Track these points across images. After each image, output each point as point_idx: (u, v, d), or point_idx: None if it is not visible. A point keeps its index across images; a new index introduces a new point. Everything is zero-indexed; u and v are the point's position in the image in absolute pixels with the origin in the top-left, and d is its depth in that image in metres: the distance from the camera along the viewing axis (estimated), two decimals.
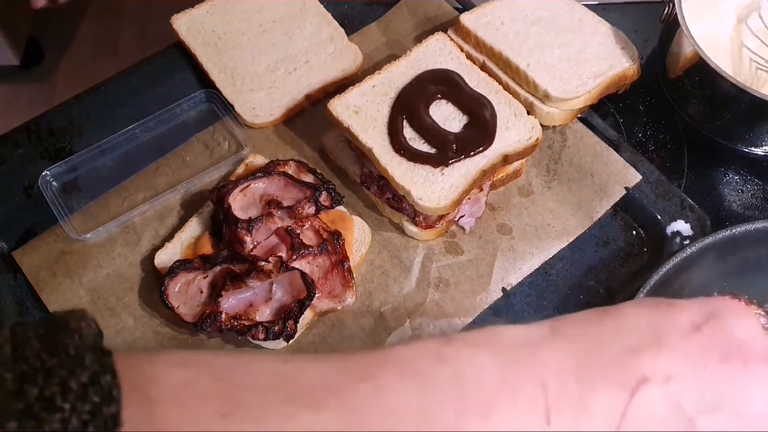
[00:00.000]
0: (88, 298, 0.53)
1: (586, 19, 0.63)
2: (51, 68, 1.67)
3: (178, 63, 0.65)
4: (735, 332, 0.30)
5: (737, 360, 0.29)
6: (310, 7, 0.66)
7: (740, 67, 0.59)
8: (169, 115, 0.62)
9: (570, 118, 0.60)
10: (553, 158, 0.59)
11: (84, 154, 0.59)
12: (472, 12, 0.63)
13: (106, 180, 0.59)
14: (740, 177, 0.61)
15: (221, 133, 0.61)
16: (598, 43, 0.61)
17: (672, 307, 0.31)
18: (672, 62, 0.61)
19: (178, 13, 0.66)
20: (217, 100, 0.62)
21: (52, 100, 1.55)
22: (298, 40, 0.65)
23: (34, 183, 0.58)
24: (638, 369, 0.28)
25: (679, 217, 0.55)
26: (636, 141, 0.62)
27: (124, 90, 0.64)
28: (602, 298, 0.53)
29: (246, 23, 0.65)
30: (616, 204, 0.56)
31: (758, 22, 0.59)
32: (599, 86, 0.59)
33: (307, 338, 0.51)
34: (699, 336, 0.29)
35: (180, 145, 0.60)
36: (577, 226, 0.56)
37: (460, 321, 0.51)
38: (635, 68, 0.61)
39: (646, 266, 0.54)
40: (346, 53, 0.64)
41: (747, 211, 0.59)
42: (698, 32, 0.55)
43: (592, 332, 0.29)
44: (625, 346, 0.29)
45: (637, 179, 0.57)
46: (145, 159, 0.60)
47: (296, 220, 0.51)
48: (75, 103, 0.63)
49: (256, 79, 0.62)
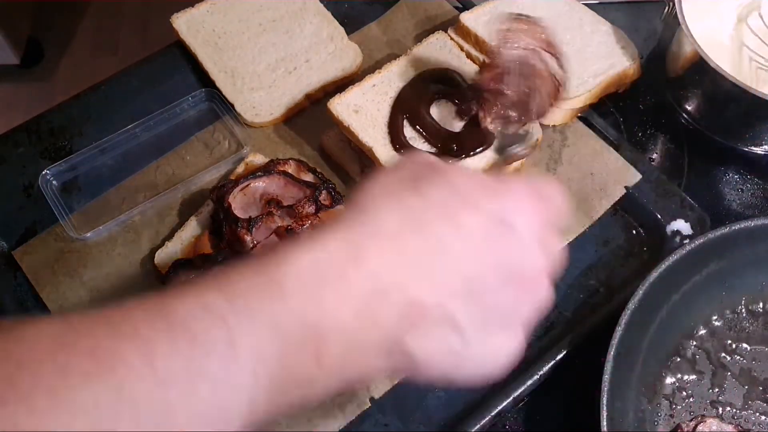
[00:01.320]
0: (88, 297, 0.53)
1: (587, 18, 0.63)
2: (51, 67, 1.67)
3: (179, 62, 0.65)
4: (519, 245, 0.31)
5: (518, 281, 0.31)
6: (310, 7, 0.66)
7: (740, 66, 0.59)
8: (169, 114, 0.62)
9: (570, 117, 0.60)
10: (553, 157, 0.59)
11: (84, 154, 0.59)
12: (473, 11, 0.63)
13: (107, 179, 0.59)
14: (740, 176, 0.61)
15: (221, 132, 0.61)
16: (598, 42, 0.61)
17: (466, 209, 0.31)
18: (672, 61, 0.61)
19: (178, 12, 0.66)
20: (217, 100, 0.62)
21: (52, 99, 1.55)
22: (298, 39, 0.64)
23: (34, 182, 0.58)
24: (415, 297, 0.29)
25: (679, 216, 0.55)
26: (636, 140, 0.62)
27: (124, 89, 0.64)
28: (602, 297, 0.53)
29: (246, 22, 0.65)
30: (616, 203, 0.56)
31: (758, 22, 0.59)
32: (599, 85, 0.59)
33: None
34: (484, 249, 0.30)
35: (180, 145, 0.60)
36: (577, 225, 0.56)
37: None
38: (635, 67, 0.61)
39: (645, 265, 0.54)
40: (346, 52, 0.64)
41: (747, 210, 0.59)
42: (698, 31, 0.55)
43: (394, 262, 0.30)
44: (410, 272, 0.29)
45: (637, 178, 0.57)
46: (145, 158, 0.60)
47: (296, 219, 0.51)
48: (75, 103, 0.63)
49: (256, 78, 0.62)
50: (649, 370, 0.49)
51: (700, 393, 0.49)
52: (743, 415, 0.49)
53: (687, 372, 0.50)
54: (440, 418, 0.48)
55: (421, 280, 0.29)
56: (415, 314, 0.29)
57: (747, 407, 0.49)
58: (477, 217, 0.30)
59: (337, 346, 0.28)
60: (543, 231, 0.32)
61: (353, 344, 0.28)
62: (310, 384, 0.28)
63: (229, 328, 0.26)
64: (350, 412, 0.48)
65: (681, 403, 0.49)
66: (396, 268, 0.29)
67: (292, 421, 0.47)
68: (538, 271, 0.32)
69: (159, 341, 0.25)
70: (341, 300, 0.28)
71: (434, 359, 0.30)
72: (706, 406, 0.49)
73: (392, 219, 0.30)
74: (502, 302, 0.31)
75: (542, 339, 0.51)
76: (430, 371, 0.31)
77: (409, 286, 0.29)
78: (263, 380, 0.27)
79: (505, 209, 0.31)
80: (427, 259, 0.29)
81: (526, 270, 0.31)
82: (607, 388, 0.44)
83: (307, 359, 0.28)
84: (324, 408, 0.48)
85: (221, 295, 0.27)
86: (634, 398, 0.48)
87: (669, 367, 0.50)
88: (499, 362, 0.33)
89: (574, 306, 0.53)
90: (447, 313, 0.29)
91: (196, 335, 0.26)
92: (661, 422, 0.48)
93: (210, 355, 0.26)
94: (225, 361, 0.26)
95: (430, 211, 0.30)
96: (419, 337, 0.29)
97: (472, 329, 0.30)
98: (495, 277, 0.30)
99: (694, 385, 0.50)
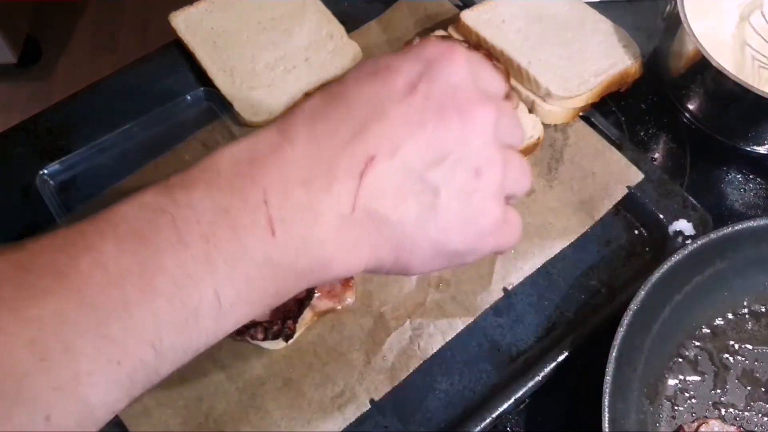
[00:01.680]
0: None
1: (588, 16, 0.63)
2: (49, 66, 1.67)
3: (177, 61, 0.65)
4: (448, 81, 0.30)
5: (452, 110, 0.30)
6: (309, 5, 0.66)
7: (742, 65, 0.58)
8: (167, 113, 0.61)
9: (571, 117, 0.59)
10: (554, 157, 0.58)
11: (82, 153, 0.59)
12: (473, 9, 0.62)
13: (105, 178, 0.59)
14: (742, 176, 0.60)
15: (220, 131, 0.61)
16: (599, 41, 0.61)
17: (389, 71, 0.30)
18: (674, 60, 0.61)
19: (177, 11, 0.65)
20: (216, 99, 0.61)
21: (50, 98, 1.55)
22: (297, 37, 0.64)
23: (32, 182, 0.58)
24: (364, 151, 0.28)
25: (681, 216, 0.55)
26: (638, 139, 0.62)
27: (122, 88, 0.63)
28: (604, 298, 0.53)
29: (245, 21, 0.65)
30: (617, 203, 0.56)
31: (761, 20, 0.59)
32: (601, 84, 0.59)
33: (307, 338, 0.50)
34: (415, 96, 0.29)
35: (178, 144, 0.60)
36: (578, 225, 0.55)
37: (461, 321, 0.51)
38: (637, 66, 0.61)
39: (647, 265, 0.54)
40: (346, 51, 0.63)
41: (749, 210, 0.59)
42: (700, 30, 0.55)
43: (320, 129, 0.29)
44: (352, 131, 0.29)
45: (639, 178, 0.56)
46: (144, 157, 0.59)
47: None
48: (73, 102, 0.63)
49: (255, 77, 0.62)
50: (651, 371, 0.49)
51: (702, 394, 0.49)
52: (745, 416, 0.48)
53: (689, 373, 0.50)
54: (440, 419, 0.48)
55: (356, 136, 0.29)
56: (369, 168, 0.28)
57: (749, 408, 0.49)
58: (402, 77, 0.30)
59: (286, 212, 0.27)
60: (475, 67, 0.32)
61: (305, 213, 0.27)
62: (273, 264, 0.27)
63: (173, 219, 0.26)
64: (350, 413, 0.47)
65: (683, 404, 0.49)
66: (327, 131, 0.29)
67: (291, 422, 0.47)
68: (469, 94, 0.30)
69: (107, 245, 0.25)
70: (282, 169, 0.28)
71: (409, 221, 0.29)
72: (709, 407, 0.49)
73: (316, 99, 0.30)
74: (446, 135, 0.30)
75: (543, 340, 0.51)
76: (414, 245, 0.30)
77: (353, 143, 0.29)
78: (222, 267, 0.26)
79: (426, 59, 0.31)
80: (357, 119, 0.29)
81: (457, 96, 0.30)
82: (608, 389, 0.43)
83: (262, 234, 0.27)
84: (323, 409, 0.47)
85: (159, 189, 0.27)
86: (636, 399, 0.47)
87: (671, 368, 0.50)
88: (483, 226, 0.31)
89: (576, 306, 0.53)
90: (399, 159, 0.29)
91: (143, 233, 0.26)
92: (663, 423, 0.48)
93: (160, 249, 0.25)
94: (175, 251, 0.25)
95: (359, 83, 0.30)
96: (383, 198, 0.29)
97: (433, 175, 0.29)
98: (429, 110, 0.29)
99: (696, 386, 0.49)
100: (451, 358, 0.50)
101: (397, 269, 0.31)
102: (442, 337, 0.50)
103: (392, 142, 0.29)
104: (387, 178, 0.29)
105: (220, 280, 0.26)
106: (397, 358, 0.49)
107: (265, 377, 0.49)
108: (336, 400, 0.48)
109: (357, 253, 0.29)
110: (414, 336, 0.50)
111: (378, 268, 0.31)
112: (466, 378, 0.50)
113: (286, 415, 0.47)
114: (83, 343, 0.24)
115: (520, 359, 0.50)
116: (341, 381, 0.48)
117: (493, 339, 0.51)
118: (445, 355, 0.50)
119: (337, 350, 0.50)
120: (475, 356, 0.50)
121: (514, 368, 0.50)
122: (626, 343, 0.45)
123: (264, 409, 0.47)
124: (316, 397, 0.48)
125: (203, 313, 0.26)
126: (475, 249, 0.32)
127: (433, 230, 0.30)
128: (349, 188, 0.28)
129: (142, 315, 0.25)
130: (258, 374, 0.49)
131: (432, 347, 0.50)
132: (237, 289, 0.27)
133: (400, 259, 0.30)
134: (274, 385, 0.48)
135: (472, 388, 0.49)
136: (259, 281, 0.27)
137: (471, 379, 0.50)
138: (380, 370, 0.49)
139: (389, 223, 0.29)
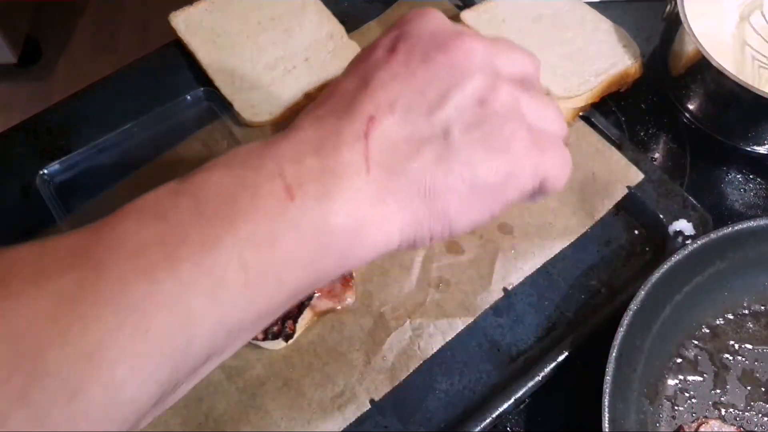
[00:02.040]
0: None
1: (588, 16, 0.63)
2: (49, 66, 1.67)
3: (177, 61, 0.65)
4: (424, 31, 0.31)
5: (435, 51, 0.30)
6: (309, 5, 0.66)
7: (743, 65, 0.58)
8: (167, 113, 0.61)
9: (572, 117, 0.59)
10: None
11: (82, 153, 0.59)
12: (473, 9, 0.62)
13: (105, 178, 0.59)
14: (742, 176, 0.60)
15: (220, 131, 0.61)
16: (599, 41, 0.61)
17: (369, 49, 0.32)
18: (674, 60, 0.61)
19: (177, 11, 0.65)
20: (216, 99, 0.61)
21: (50, 98, 1.55)
22: (297, 37, 0.64)
23: (31, 182, 0.58)
24: (362, 114, 0.29)
25: (681, 216, 0.55)
26: (638, 140, 0.62)
27: (122, 88, 0.63)
28: (604, 298, 0.53)
29: (245, 21, 0.65)
30: (617, 203, 0.56)
31: (761, 20, 0.59)
32: (601, 84, 0.59)
33: (307, 338, 0.50)
34: (396, 55, 0.30)
35: (178, 144, 0.60)
36: (578, 226, 0.55)
37: (461, 321, 0.51)
38: (637, 66, 0.61)
39: (647, 265, 0.54)
40: (346, 51, 0.63)
41: (749, 210, 0.59)
42: (700, 30, 0.55)
43: (321, 112, 0.30)
44: (346, 104, 0.29)
45: (639, 178, 0.56)
46: (144, 158, 0.59)
47: None
48: (73, 102, 0.63)
49: (255, 77, 0.62)
50: (651, 371, 0.49)
51: (702, 394, 0.49)
52: (746, 416, 0.48)
53: (689, 373, 0.50)
54: (440, 419, 0.48)
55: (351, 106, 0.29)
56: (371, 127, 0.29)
57: (749, 408, 0.49)
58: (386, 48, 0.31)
59: (303, 178, 0.27)
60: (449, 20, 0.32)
61: (323, 176, 0.27)
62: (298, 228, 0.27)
63: (194, 197, 0.26)
64: (350, 413, 0.47)
65: (683, 404, 0.49)
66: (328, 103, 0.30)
67: (291, 422, 0.47)
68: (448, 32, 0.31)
69: (129, 223, 0.26)
70: (295, 145, 0.28)
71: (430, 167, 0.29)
72: (709, 407, 0.49)
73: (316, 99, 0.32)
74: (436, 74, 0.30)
75: (543, 340, 0.51)
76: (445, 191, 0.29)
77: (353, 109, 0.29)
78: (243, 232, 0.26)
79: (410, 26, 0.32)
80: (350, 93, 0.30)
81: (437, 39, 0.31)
82: (608, 389, 0.43)
83: (280, 199, 0.27)
84: (323, 409, 0.47)
85: (179, 179, 0.28)
86: (635, 399, 0.47)
87: (671, 368, 0.50)
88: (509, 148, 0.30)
89: (576, 306, 0.53)
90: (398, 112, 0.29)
91: (165, 212, 0.26)
92: (663, 423, 0.48)
93: (182, 223, 0.25)
94: (197, 223, 0.26)
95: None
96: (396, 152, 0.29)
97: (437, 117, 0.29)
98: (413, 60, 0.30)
99: (696, 386, 0.49)
100: (451, 358, 0.50)
101: (440, 225, 0.30)
102: (442, 337, 0.50)
103: (387, 99, 0.29)
104: (393, 132, 0.29)
105: (245, 245, 0.25)
106: (397, 358, 0.49)
107: (265, 377, 0.49)
108: (336, 400, 0.48)
109: (387, 217, 0.28)
110: (414, 336, 0.50)
111: (419, 230, 0.30)
112: (466, 378, 0.50)
113: (286, 415, 0.47)
114: (105, 312, 0.23)
115: (520, 359, 0.50)
116: (341, 381, 0.49)
117: (493, 339, 0.51)
118: (445, 355, 0.50)
119: (337, 350, 0.50)
120: (475, 356, 0.50)
121: (514, 368, 0.50)
122: (626, 343, 0.45)
123: (264, 409, 0.47)
124: (316, 397, 0.48)
125: (231, 282, 0.25)
126: (510, 175, 0.30)
127: (458, 167, 0.29)
128: (359, 150, 0.28)
129: (167, 281, 0.24)
130: (258, 374, 0.49)
131: (432, 347, 0.50)
132: (263, 254, 0.26)
133: (435, 211, 0.29)
134: (274, 385, 0.48)
135: (472, 388, 0.49)
136: (286, 247, 0.26)
137: (471, 379, 0.50)
138: (380, 370, 0.49)
139: (411, 175, 0.28)
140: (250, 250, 0.25)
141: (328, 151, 0.28)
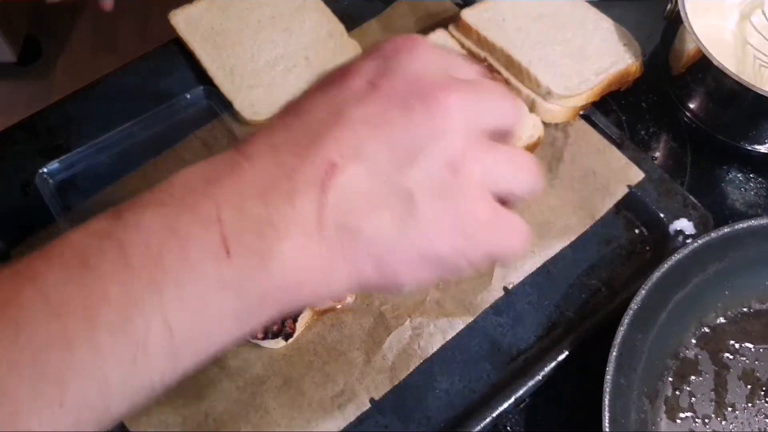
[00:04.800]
0: None
1: (589, 15, 0.63)
2: (49, 65, 1.67)
3: (177, 60, 0.65)
4: (408, 71, 0.28)
5: (415, 101, 0.27)
6: (309, 3, 0.65)
7: (743, 64, 0.58)
8: (167, 112, 0.61)
9: (572, 116, 0.59)
10: (555, 156, 0.58)
11: (82, 152, 0.59)
12: (474, 8, 0.62)
13: (104, 177, 0.59)
14: (743, 175, 0.60)
15: (220, 130, 0.61)
16: (600, 40, 0.61)
17: (347, 73, 0.28)
18: (675, 59, 0.60)
19: (177, 9, 0.65)
20: (216, 97, 0.61)
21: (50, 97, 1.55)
22: (297, 36, 0.64)
23: (31, 180, 0.58)
24: (324, 158, 0.25)
25: (682, 216, 0.55)
26: (638, 138, 0.62)
27: (122, 87, 0.63)
28: (604, 297, 0.53)
29: (245, 19, 0.65)
30: (618, 202, 0.56)
31: (761, 19, 0.59)
32: (602, 83, 0.59)
33: (307, 337, 0.50)
34: (374, 93, 0.27)
35: (179, 143, 0.60)
36: (579, 225, 0.55)
37: (461, 320, 0.51)
38: (638, 65, 0.61)
39: (648, 265, 0.54)
40: (346, 50, 0.63)
41: (750, 209, 0.58)
42: (701, 29, 0.55)
43: (279, 140, 0.27)
44: (309, 139, 0.26)
45: (639, 177, 0.56)
46: (144, 157, 0.59)
47: None
48: (72, 100, 0.63)
49: (255, 75, 0.62)
50: (651, 371, 0.49)
51: (702, 394, 0.49)
52: (746, 416, 0.48)
53: (690, 373, 0.50)
54: (440, 419, 0.48)
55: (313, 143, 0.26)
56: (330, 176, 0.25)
57: (750, 408, 0.49)
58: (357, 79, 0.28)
59: (242, 229, 0.24)
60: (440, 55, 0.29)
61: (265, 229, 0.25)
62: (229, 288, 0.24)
63: (121, 242, 0.24)
64: (350, 412, 0.47)
65: (683, 404, 0.49)
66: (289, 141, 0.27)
67: (291, 421, 0.47)
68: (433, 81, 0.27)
69: (52, 273, 0.24)
70: (238, 184, 0.25)
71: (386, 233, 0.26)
72: (709, 407, 0.49)
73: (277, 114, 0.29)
74: (411, 131, 0.27)
75: (544, 339, 0.51)
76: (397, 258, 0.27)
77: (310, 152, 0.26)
78: (170, 291, 0.24)
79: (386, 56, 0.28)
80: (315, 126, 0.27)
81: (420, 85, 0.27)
82: (609, 388, 0.43)
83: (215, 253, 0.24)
84: (323, 408, 0.47)
85: (109, 214, 0.26)
86: (635, 399, 0.47)
87: (671, 368, 0.50)
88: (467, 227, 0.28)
89: (576, 306, 0.53)
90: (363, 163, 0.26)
91: (89, 259, 0.24)
92: (663, 424, 0.48)
93: (105, 275, 0.23)
94: (120, 276, 0.23)
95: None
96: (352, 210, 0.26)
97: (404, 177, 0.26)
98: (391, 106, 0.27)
99: (696, 386, 0.49)
100: (451, 357, 0.50)
101: (387, 286, 0.28)
102: (442, 337, 0.50)
103: (353, 146, 0.26)
104: (353, 184, 0.26)
105: (169, 306, 0.24)
106: (397, 358, 0.49)
107: (265, 376, 0.49)
108: (336, 399, 0.48)
109: (333, 274, 0.26)
110: (414, 335, 0.50)
111: (365, 287, 0.28)
112: (466, 377, 0.50)
113: (286, 414, 0.47)
114: (19, 382, 0.22)
115: (520, 359, 0.50)
116: (341, 380, 0.48)
117: (493, 338, 0.51)
118: (445, 354, 0.50)
119: (337, 349, 0.50)
120: (475, 356, 0.50)
121: (514, 368, 0.50)
122: (627, 343, 0.45)
123: (264, 409, 0.47)
124: (316, 396, 0.48)
125: (153, 346, 0.24)
126: (465, 253, 0.28)
127: (415, 238, 0.27)
128: (312, 200, 0.25)
129: (83, 350, 0.23)
130: (258, 373, 0.49)
131: (432, 346, 0.50)
132: (189, 316, 0.24)
133: (385, 274, 0.27)
134: (274, 384, 0.48)
135: (472, 388, 0.49)
136: (215, 308, 0.24)
137: (471, 378, 0.50)
138: (380, 370, 0.49)
139: (364, 237, 0.26)
140: (175, 311, 0.24)
141: (277, 197, 0.25)
